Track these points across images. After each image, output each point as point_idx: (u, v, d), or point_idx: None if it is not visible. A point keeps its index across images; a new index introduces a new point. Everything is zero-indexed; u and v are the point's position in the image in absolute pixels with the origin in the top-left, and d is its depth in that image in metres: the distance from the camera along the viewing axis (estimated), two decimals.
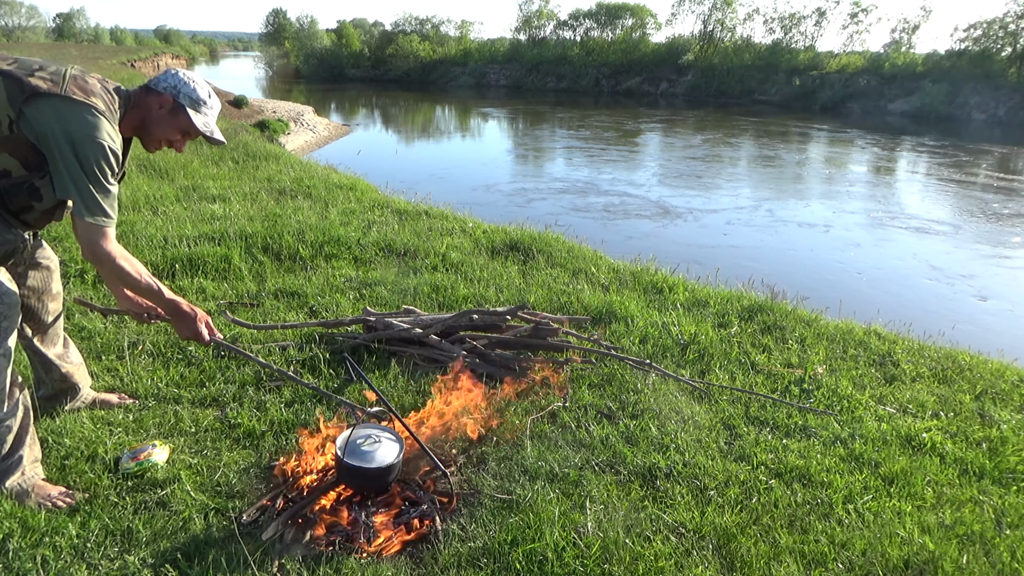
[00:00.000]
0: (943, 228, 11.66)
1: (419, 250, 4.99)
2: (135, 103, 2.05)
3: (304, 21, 59.24)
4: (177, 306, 2.15)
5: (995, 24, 36.16)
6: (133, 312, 2.41)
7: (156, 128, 2.08)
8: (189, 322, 2.17)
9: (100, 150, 1.84)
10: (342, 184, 7.51)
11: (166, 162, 7.54)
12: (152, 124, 2.07)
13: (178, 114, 2.07)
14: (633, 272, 4.90)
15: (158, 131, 2.08)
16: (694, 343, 3.64)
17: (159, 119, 2.07)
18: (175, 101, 2.05)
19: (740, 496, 2.38)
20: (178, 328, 2.19)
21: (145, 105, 2.05)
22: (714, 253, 9.30)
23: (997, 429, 3.04)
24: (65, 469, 2.26)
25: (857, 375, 3.49)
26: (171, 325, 2.22)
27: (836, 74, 38.91)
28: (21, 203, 1.93)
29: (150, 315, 2.41)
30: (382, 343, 3.30)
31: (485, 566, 1.96)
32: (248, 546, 1.95)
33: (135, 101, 2.05)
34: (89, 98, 1.85)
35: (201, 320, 2.19)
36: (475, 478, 2.38)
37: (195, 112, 2.08)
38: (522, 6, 52.96)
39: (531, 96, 41.47)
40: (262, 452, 2.44)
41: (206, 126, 2.11)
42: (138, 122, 2.06)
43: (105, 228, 1.91)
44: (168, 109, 2.06)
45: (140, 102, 2.05)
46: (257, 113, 22.57)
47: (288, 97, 34.23)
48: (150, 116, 2.06)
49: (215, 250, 4.48)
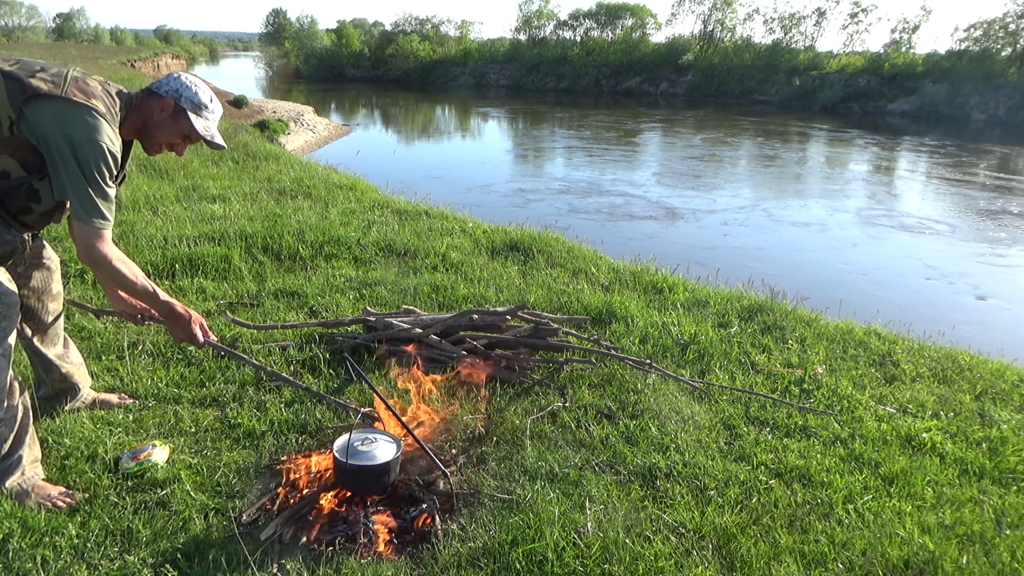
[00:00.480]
0: (943, 228, 11.66)
1: (419, 250, 4.99)
2: (136, 106, 2.04)
3: (304, 21, 59.23)
4: (172, 308, 2.14)
5: (995, 24, 36.14)
6: (127, 314, 2.41)
7: (157, 132, 2.07)
8: (184, 324, 2.16)
9: (100, 152, 1.84)
10: (342, 184, 7.51)
11: (166, 162, 7.54)
12: (153, 128, 2.07)
13: (179, 118, 2.06)
14: (633, 272, 4.90)
15: (159, 135, 2.08)
16: (694, 343, 3.63)
17: (160, 123, 2.06)
18: (176, 105, 2.05)
19: (740, 496, 2.38)
20: (173, 330, 2.19)
21: (147, 108, 2.05)
22: (714, 253, 9.30)
23: (997, 429, 3.04)
24: (65, 469, 2.26)
25: (857, 375, 3.49)
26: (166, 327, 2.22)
27: (836, 74, 38.88)
28: (20, 205, 1.93)
29: (144, 317, 2.40)
30: (382, 343, 3.30)
31: (485, 566, 1.96)
32: (248, 546, 1.95)
33: (136, 104, 2.04)
34: (90, 100, 1.85)
35: (196, 322, 2.18)
36: (475, 478, 2.38)
37: (196, 116, 2.07)
38: (522, 6, 52.95)
39: (531, 96, 41.46)
40: (262, 452, 2.44)
41: (207, 130, 2.10)
42: (139, 125, 2.06)
43: (102, 231, 1.91)
44: (169, 113, 2.05)
45: (141, 105, 2.05)
46: (257, 113, 22.57)
47: (288, 97, 34.21)
48: (151, 120, 2.06)
49: (215, 250, 4.48)
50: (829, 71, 39.48)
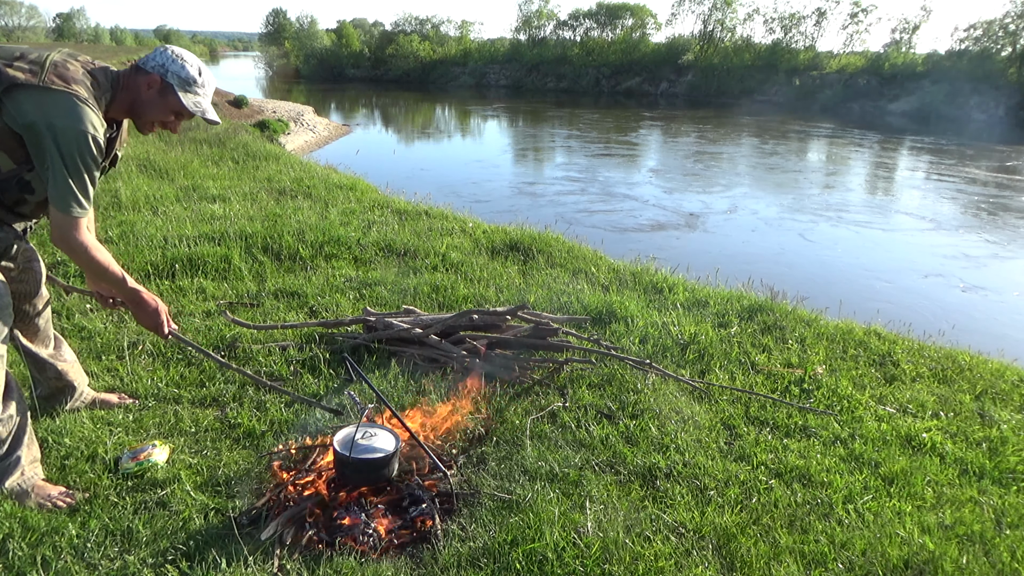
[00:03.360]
0: (943, 228, 11.66)
1: (419, 250, 4.99)
2: (124, 84, 1.98)
3: (304, 21, 59.26)
4: (138, 295, 2.11)
5: (995, 24, 36.14)
6: (98, 294, 2.39)
7: (146, 110, 2.01)
8: (150, 312, 2.13)
9: (81, 140, 1.80)
10: (342, 184, 7.51)
11: (166, 162, 7.53)
12: (142, 106, 2.01)
13: (167, 95, 1.99)
14: (633, 272, 4.90)
15: (149, 113, 2.02)
16: (694, 343, 3.63)
17: (149, 100, 2.00)
18: (163, 81, 1.97)
19: (740, 496, 2.38)
20: (138, 317, 2.16)
21: (134, 86, 1.98)
22: (714, 253, 9.29)
23: (997, 429, 3.04)
24: (65, 469, 2.26)
25: (857, 375, 3.49)
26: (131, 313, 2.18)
27: (836, 74, 38.89)
28: (14, 197, 1.92)
29: (116, 300, 2.37)
30: (382, 343, 3.30)
31: (485, 566, 1.96)
32: (248, 546, 1.95)
33: (124, 82, 1.98)
34: (70, 86, 1.81)
35: (162, 311, 2.16)
36: (475, 478, 2.38)
37: (184, 92, 1.99)
38: (522, 6, 53.03)
39: (531, 96, 41.44)
40: (262, 452, 2.44)
41: (196, 106, 2.03)
42: (128, 104, 2.00)
43: (78, 219, 1.88)
44: (157, 90, 1.98)
45: (129, 83, 1.98)
46: (257, 113, 22.56)
47: (288, 97, 34.19)
48: (139, 98, 1.99)
49: (215, 250, 4.48)
50: (829, 71, 39.50)
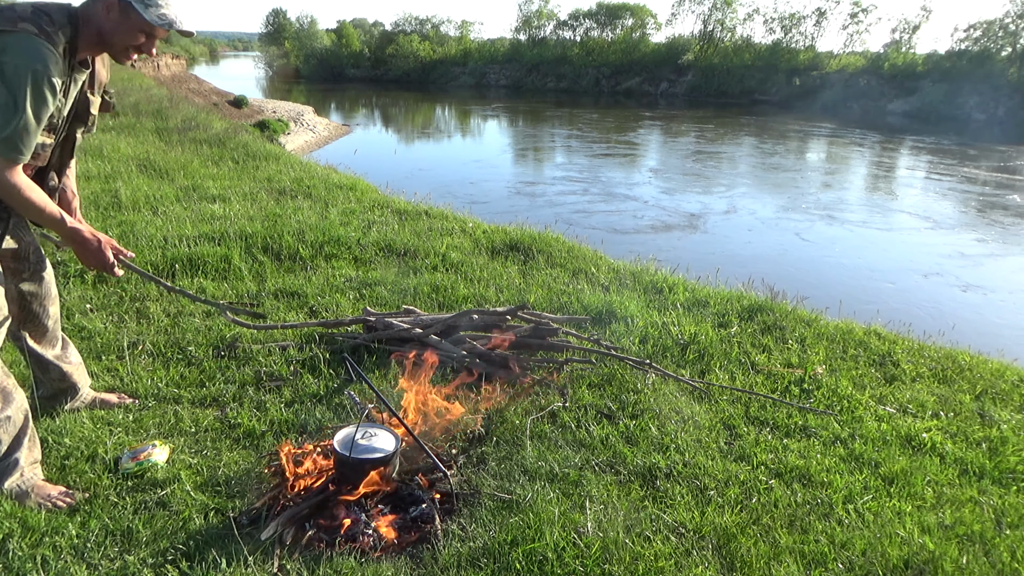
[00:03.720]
0: (943, 228, 11.66)
1: (419, 250, 4.99)
2: (84, 18, 1.91)
3: (304, 21, 59.16)
4: (78, 233, 2.03)
5: (995, 24, 36.13)
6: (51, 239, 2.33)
7: (113, 36, 1.94)
8: (93, 249, 2.06)
9: (31, 79, 1.76)
10: (342, 184, 7.50)
11: (166, 162, 7.53)
12: (108, 34, 1.93)
13: (128, 14, 1.90)
14: (633, 272, 4.90)
15: (116, 39, 1.94)
16: (694, 343, 3.63)
17: (112, 25, 1.92)
18: (120, 1, 1.89)
19: (740, 496, 2.38)
20: (82, 257, 2.07)
21: (94, 15, 1.91)
22: (714, 253, 9.30)
23: (997, 429, 3.04)
24: (65, 469, 2.26)
25: (857, 375, 3.49)
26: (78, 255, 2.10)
27: (836, 74, 38.89)
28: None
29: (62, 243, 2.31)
30: (382, 343, 3.30)
31: (485, 566, 1.96)
32: (248, 546, 1.95)
33: (84, 16, 1.91)
34: (16, 25, 1.77)
35: (107, 245, 2.08)
36: (475, 478, 2.38)
37: (145, 6, 1.89)
38: (522, 6, 53.04)
39: (531, 96, 41.44)
40: (262, 452, 2.44)
41: (162, 19, 1.92)
42: (96, 36, 1.93)
43: (15, 163, 1.82)
44: (117, 11, 1.90)
45: (89, 14, 1.92)
46: (257, 113, 22.59)
47: (288, 97, 34.20)
48: (103, 26, 1.92)
49: (215, 250, 4.48)
50: (829, 71, 39.49)
